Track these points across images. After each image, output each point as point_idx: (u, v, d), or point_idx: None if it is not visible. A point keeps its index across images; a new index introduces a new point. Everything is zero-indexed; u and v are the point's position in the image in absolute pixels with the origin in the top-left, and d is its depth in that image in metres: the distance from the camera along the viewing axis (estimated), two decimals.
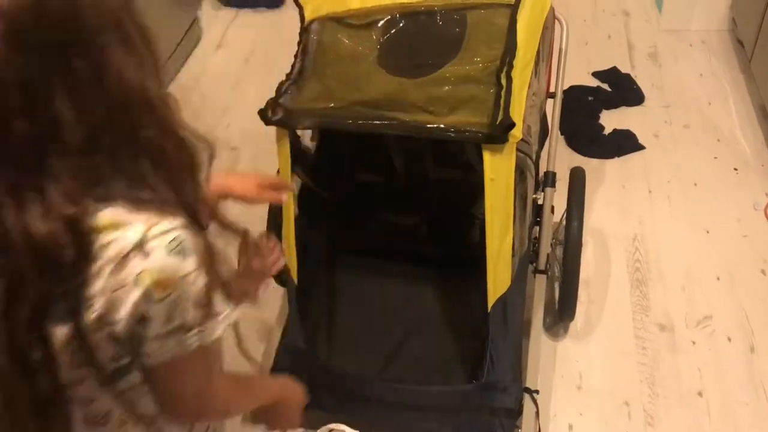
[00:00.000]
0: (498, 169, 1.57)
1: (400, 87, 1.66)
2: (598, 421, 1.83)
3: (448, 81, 1.66)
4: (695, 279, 2.16)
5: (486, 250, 1.61)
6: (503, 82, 1.61)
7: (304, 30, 1.84)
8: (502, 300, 1.66)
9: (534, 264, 1.99)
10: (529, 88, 1.71)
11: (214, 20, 3.60)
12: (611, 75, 2.96)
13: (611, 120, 2.76)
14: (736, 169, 2.51)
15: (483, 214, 1.62)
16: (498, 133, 1.52)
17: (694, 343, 2.00)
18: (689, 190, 2.45)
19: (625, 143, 2.63)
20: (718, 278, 2.16)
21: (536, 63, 1.79)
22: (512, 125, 1.53)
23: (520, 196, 1.76)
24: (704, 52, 3.06)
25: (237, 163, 2.74)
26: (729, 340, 2.00)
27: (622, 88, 2.88)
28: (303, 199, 1.87)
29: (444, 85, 1.65)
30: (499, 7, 1.76)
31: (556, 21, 2.04)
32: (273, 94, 1.70)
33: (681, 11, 3.15)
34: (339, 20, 1.82)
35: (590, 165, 2.54)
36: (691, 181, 2.48)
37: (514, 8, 1.74)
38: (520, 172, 1.73)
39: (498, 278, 1.65)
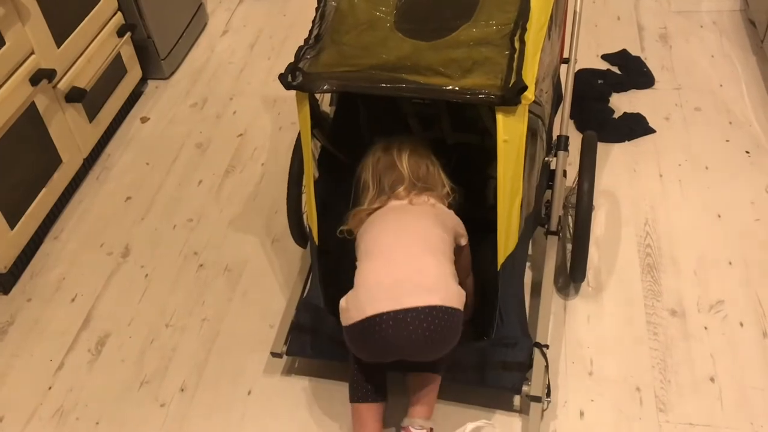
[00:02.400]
0: (511, 131, 1.61)
1: (415, 50, 1.70)
2: (610, 407, 1.82)
3: (462, 44, 1.69)
4: (707, 264, 2.14)
5: (497, 210, 1.67)
6: (516, 45, 1.64)
7: None
8: (511, 257, 1.73)
9: (546, 226, 2.07)
10: (542, 51, 1.74)
11: (219, 6, 3.59)
12: (621, 58, 2.92)
13: (621, 103, 2.73)
14: (748, 152, 2.47)
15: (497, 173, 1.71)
16: (511, 95, 1.55)
17: (706, 328, 1.98)
18: (701, 174, 2.42)
19: (635, 127, 2.60)
20: (731, 263, 2.14)
21: (549, 27, 1.81)
22: (525, 88, 1.56)
23: (530, 156, 1.80)
24: (715, 32, 3.02)
25: (243, 151, 2.73)
26: (741, 325, 1.98)
27: (632, 71, 2.85)
28: (322, 161, 1.95)
29: (458, 47, 1.68)
30: None
31: None
32: (277, 82, 1.71)
33: None
34: None
35: (600, 149, 2.51)
36: (702, 165, 2.45)
37: None
38: (531, 133, 1.75)
39: (508, 237, 1.72)
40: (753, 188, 2.35)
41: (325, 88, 1.67)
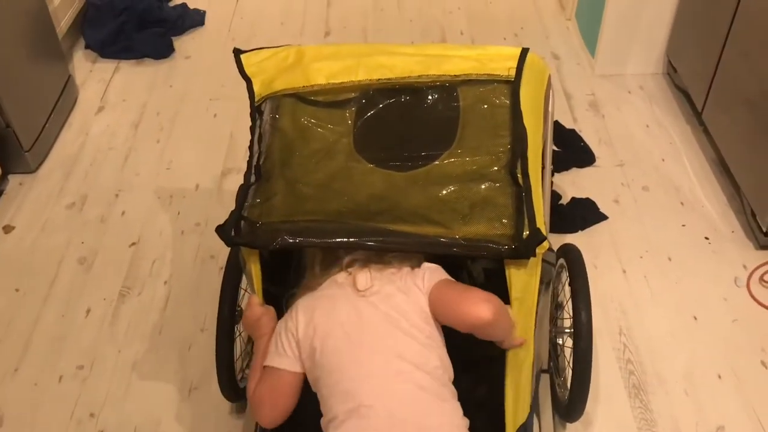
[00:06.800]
0: (522, 286, 1.35)
1: (390, 186, 1.40)
2: None
3: (450, 177, 1.40)
4: (696, 379, 1.92)
5: (505, 375, 1.39)
6: (520, 180, 1.38)
7: (257, 110, 1.53)
8: (522, 430, 1.40)
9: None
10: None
11: (90, 77, 3.07)
12: (556, 131, 2.70)
13: (565, 184, 2.51)
14: (707, 238, 2.31)
15: None
16: (526, 249, 1.31)
17: None
18: (665, 267, 2.22)
19: (587, 214, 2.38)
20: (720, 376, 1.93)
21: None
22: (542, 239, 1.32)
23: (542, 306, 1.51)
24: (644, 99, 2.88)
25: (139, 265, 2.26)
26: None
27: (570, 147, 2.64)
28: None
29: (446, 183, 1.40)
30: (496, 82, 1.50)
31: None
32: (172, 172, 1.34)
33: (615, 54, 2.96)
34: (301, 98, 1.51)
35: (553, 241, 2.27)
36: (664, 256, 2.25)
37: (515, 85, 1.46)
38: (545, 284, 1.48)
39: (518, 406, 1.40)
40: (721, 281, 2.17)
41: (286, 244, 1.31)
